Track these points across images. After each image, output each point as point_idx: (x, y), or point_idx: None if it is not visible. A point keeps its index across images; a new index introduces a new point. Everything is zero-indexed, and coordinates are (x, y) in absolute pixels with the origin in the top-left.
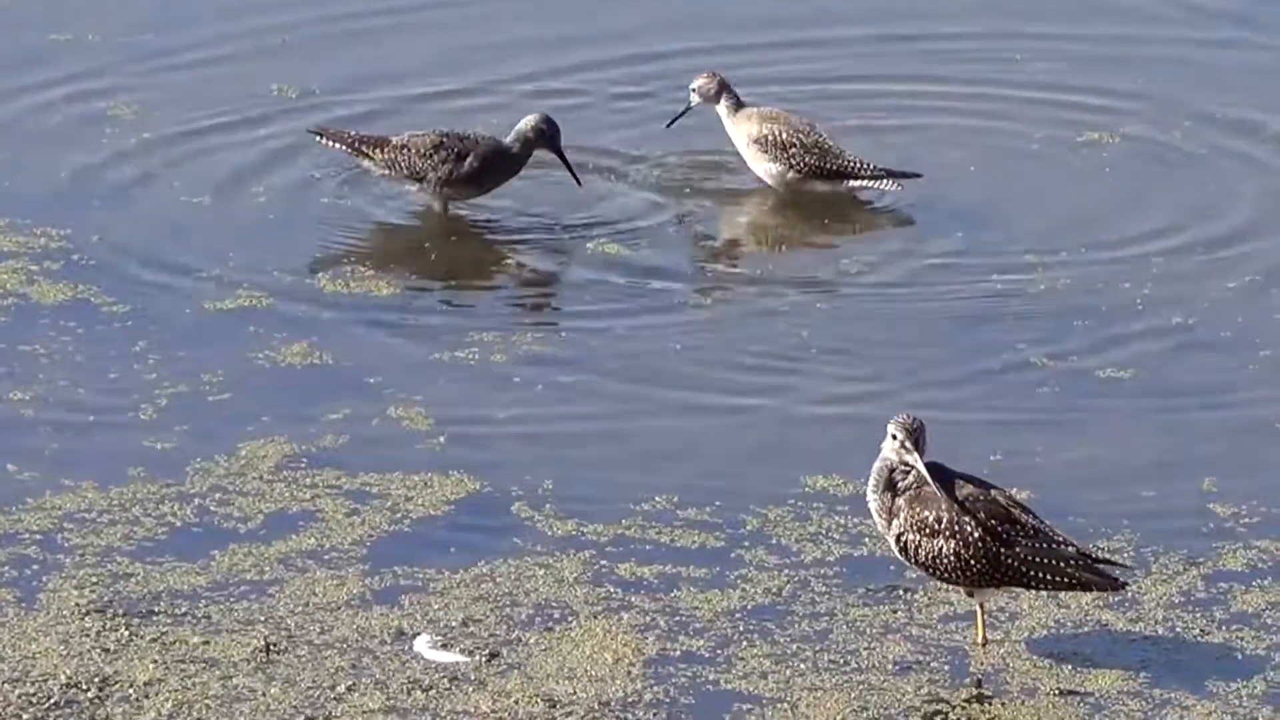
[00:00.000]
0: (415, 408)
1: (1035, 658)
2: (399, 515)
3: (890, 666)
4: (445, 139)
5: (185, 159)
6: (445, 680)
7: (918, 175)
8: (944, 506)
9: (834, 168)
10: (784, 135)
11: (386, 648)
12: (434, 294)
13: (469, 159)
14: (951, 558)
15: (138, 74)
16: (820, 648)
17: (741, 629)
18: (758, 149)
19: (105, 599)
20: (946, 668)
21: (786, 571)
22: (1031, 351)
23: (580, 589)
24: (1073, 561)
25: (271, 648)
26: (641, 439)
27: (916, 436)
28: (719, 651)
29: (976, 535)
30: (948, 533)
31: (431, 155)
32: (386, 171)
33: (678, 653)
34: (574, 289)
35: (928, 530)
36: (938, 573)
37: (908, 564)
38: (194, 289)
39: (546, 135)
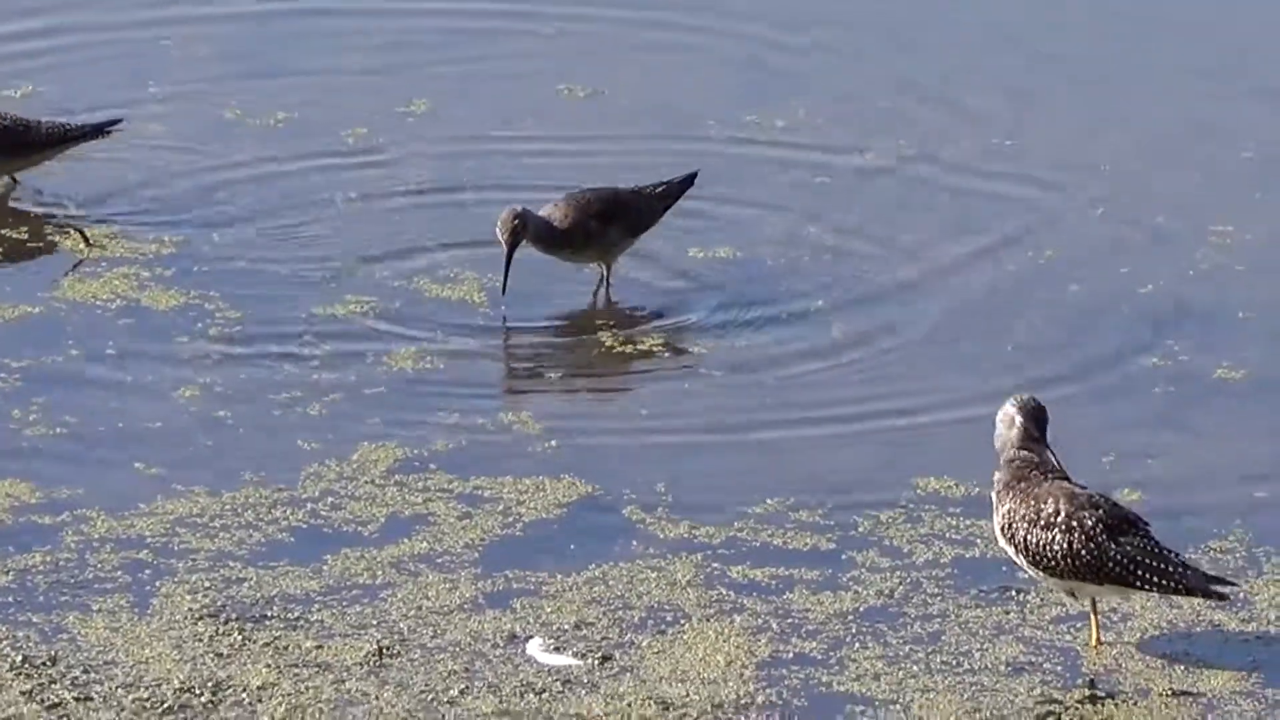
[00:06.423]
0: (526, 411)
1: (1148, 658)
2: (511, 519)
3: (1003, 668)
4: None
5: (309, 169)
6: (558, 683)
7: (119, 121)
8: (1061, 497)
9: (33, 140)
10: None
11: (499, 651)
12: (543, 299)
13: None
14: (1062, 548)
15: (243, 81)
16: (933, 649)
17: (854, 631)
18: None
19: (218, 604)
20: (1059, 668)
21: (898, 573)
22: (1143, 351)
23: (693, 591)
24: (1178, 568)
25: (384, 652)
26: (753, 442)
27: (1039, 419)
28: (831, 654)
29: (1090, 524)
30: (1063, 526)
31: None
32: None
33: (790, 655)
34: (681, 295)
35: (1041, 523)
36: (1041, 562)
37: (1011, 551)
38: (304, 294)
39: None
